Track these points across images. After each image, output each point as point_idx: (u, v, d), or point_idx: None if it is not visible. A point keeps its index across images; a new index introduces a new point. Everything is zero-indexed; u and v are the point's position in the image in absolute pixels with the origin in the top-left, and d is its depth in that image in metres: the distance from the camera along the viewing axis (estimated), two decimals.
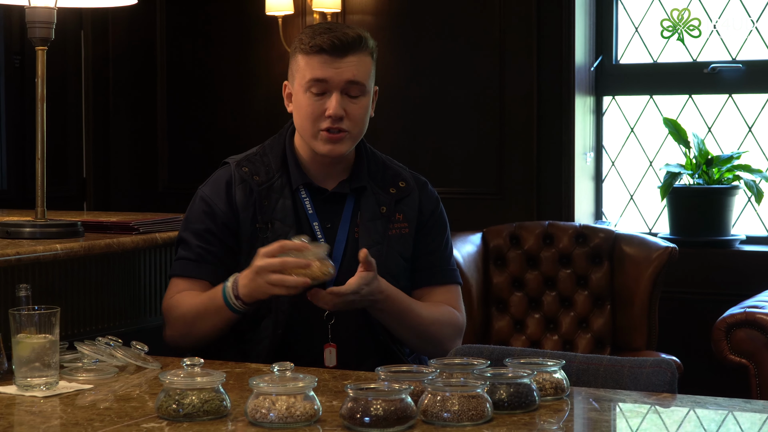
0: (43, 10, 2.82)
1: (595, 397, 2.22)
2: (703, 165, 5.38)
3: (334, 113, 2.80)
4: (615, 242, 4.91)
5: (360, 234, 2.88)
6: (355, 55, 2.83)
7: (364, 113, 2.88)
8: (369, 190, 2.91)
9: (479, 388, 2.00)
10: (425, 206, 2.99)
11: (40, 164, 2.86)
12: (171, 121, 6.57)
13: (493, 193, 5.77)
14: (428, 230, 2.99)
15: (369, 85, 2.88)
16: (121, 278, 2.97)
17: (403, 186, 2.96)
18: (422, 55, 5.89)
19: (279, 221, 2.83)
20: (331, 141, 2.83)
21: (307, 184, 2.89)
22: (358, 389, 1.98)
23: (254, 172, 2.88)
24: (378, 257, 2.81)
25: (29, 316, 2.29)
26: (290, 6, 5.96)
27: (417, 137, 5.88)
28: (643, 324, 4.77)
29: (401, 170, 3.01)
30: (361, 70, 2.84)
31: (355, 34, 2.83)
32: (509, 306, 5.02)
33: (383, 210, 2.90)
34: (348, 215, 2.90)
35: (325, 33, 2.81)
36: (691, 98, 5.65)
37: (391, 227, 2.90)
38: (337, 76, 2.80)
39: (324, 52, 2.80)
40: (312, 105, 2.82)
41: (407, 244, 2.93)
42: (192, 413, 2.03)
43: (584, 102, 5.72)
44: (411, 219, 2.95)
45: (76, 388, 2.32)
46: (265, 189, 2.86)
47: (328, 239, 2.85)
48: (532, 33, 5.69)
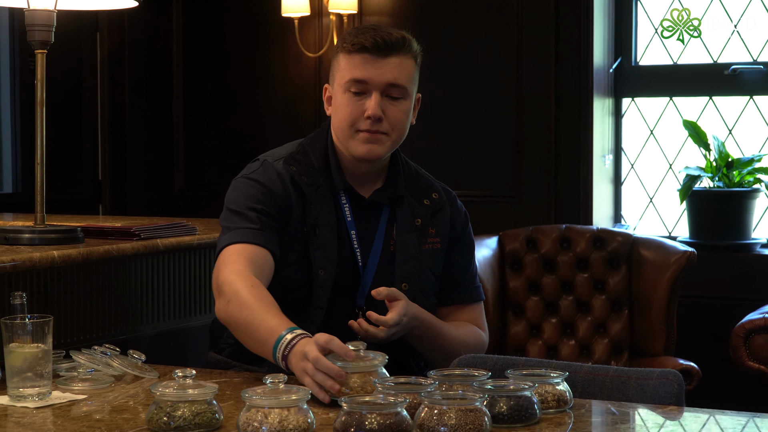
0: (42, 13, 2.78)
1: (598, 410, 2.16)
2: (723, 168, 5.31)
3: (373, 113, 2.70)
4: (633, 246, 4.85)
5: (396, 247, 2.80)
6: (398, 57, 2.73)
7: (404, 117, 2.76)
8: (405, 200, 2.83)
9: (477, 401, 1.95)
10: (457, 222, 2.91)
11: (39, 169, 2.82)
12: (187, 123, 6.54)
13: (511, 196, 5.71)
14: (459, 247, 2.92)
15: (410, 89, 2.77)
16: (121, 285, 2.92)
17: (437, 198, 2.88)
18: (439, 56, 5.84)
19: (323, 227, 2.73)
20: (370, 141, 2.72)
21: (347, 190, 2.80)
22: (353, 402, 1.93)
23: (302, 172, 2.77)
24: (413, 273, 2.77)
25: (21, 325, 2.25)
26: (306, 7, 5.93)
27: (434, 139, 5.83)
28: (661, 329, 4.70)
29: (433, 181, 2.93)
30: (403, 73, 2.74)
31: (399, 35, 2.74)
32: (525, 311, 4.96)
33: (418, 222, 2.82)
34: (384, 226, 2.82)
35: (369, 32, 2.73)
36: (711, 100, 5.58)
37: (425, 242, 2.83)
38: (377, 76, 2.71)
39: (366, 51, 2.71)
40: (351, 105, 2.73)
41: (439, 260, 2.86)
42: (183, 426, 1.99)
43: (603, 104, 5.66)
44: (443, 234, 2.87)
45: (69, 398, 2.28)
46: (313, 191, 2.75)
47: (364, 249, 2.78)
48: (550, 34, 5.63)
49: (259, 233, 2.65)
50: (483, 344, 2.93)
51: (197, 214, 5.14)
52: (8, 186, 6.72)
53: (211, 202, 5.36)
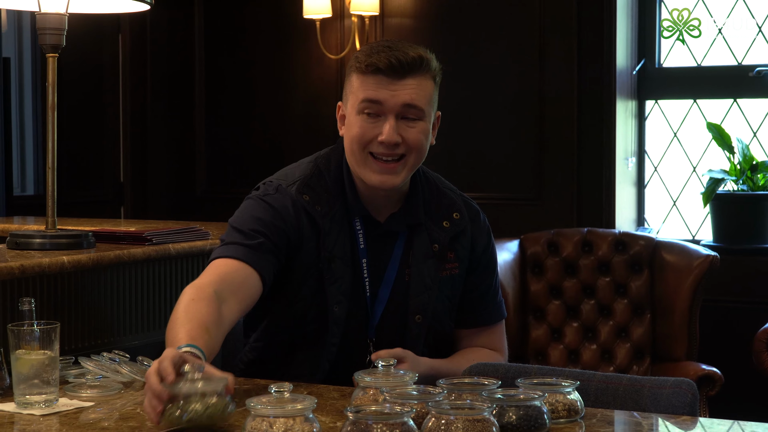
0: (53, 16, 2.76)
1: (610, 419, 2.13)
2: (747, 171, 5.27)
3: (388, 139, 2.55)
4: (655, 250, 4.81)
5: (411, 277, 2.67)
6: (415, 78, 2.57)
7: (423, 139, 2.60)
8: (423, 225, 2.69)
9: (485, 411, 1.92)
10: (478, 242, 2.77)
11: (51, 174, 2.81)
12: (209, 125, 6.54)
13: (532, 198, 5.68)
14: (481, 270, 2.78)
15: (428, 110, 2.61)
16: (133, 290, 2.90)
17: (458, 218, 2.73)
18: (461, 58, 5.81)
19: (339, 259, 2.59)
20: (385, 171, 2.58)
21: (364, 216, 2.66)
22: (358, 412, 1.90)
23: (315, 201, 2.62)
24: (428, 303, 2.66)
25: (28, 331, 2.24)
26: (328, 9, 5.91)
27: (455, 141, 5.80)
28: (684, 333, 4.65)
29: (454, 197, 2.78)
30: (420, 94, 2.58)
31: (417, 55, 2.57)
32: (547, 314, 4.92)
33: (435, 248, 2.68)
34: (398, 255, 2.67)
35: (383, 51, 2.56)
36: (735, 102, 5.53)
37: (443, 268, 2.70)
38: (392, 98, 2.56)
39: (380, 73, 2.55)
40: (364, 127, 2.58)
41: (456, 285, 2.74)
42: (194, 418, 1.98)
43: (626, 106, 5.62)
44: (463, 258, 2.73)
45: (76, 405, 2.26)
46: (328, 221, 2.61)
47: (374, 277, 2.66)
48: (572, 35, 5.59)
49: (251, 252, 2.51)
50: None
51: (219, 216, 5.10)
52: (30, 188, 6.75)
53: (232, 205, 5.32)
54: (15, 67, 6.68)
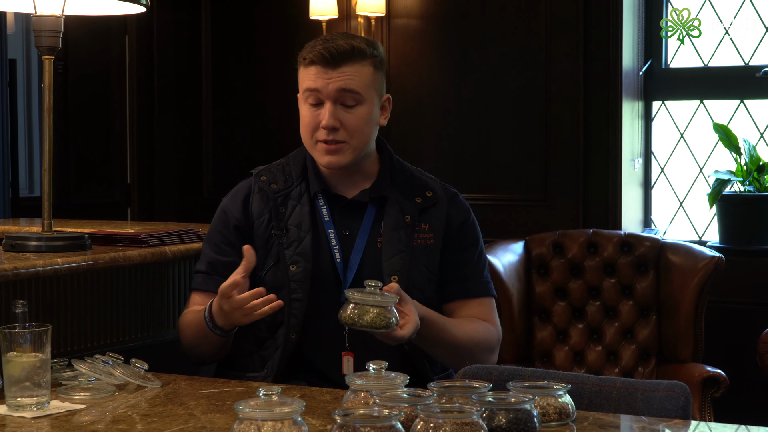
0: (49, 18, 2.76)
1: (601, 423, 2.11)
2: (754, 172, 5.25)
3: (327, 124, 2.78)
4: (661, 251, 4.79)
5: (383, 243, 2.83)
6: (350, 66, 2.79)
7: (361, 123, 2.82)
8: (392, 199, 2.86)
9: (474, 414, 1.91)
10: (454, 217, 2.92)
11: (46, 176, 2.80)
12: (216, 126, 6.54)
13: (538, 199, 5.66)
14: (458, 242, 2.92)
15: (369, 94, 2.83)
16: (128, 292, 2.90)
17: (430, 195, 2.90)
18: (467, 58, 5.80)
19: (294, 227, 2.82)
20: (329, 152, 2.81)
21: (325, 191, 2.87)
22: (345, 415, 1.89)
23: (272, 180, 2.89)
24: (401, 266, 2.78)
25: (20, 334, 2.23)
26: (334, 10, 5.91)
27: (462, 142, 5.79)
28: (689, 335, 4.64)
29: (430, 181, 2.95)
30: (356, 79, 2.80)
31: (349, 45, 2.80)
32: (552, 316, 4.91)
33: (408, 219, 2.85)
34: (368, 224, 2.85)
35: (319, 45, 2.81)
36: (742, 103, 5.51)
37: (416, 237, 2.84)
38: (328, 86, 2.78)
39: (316, 64, 2.80)
40: (309, 116, 2.83)
41: (433, 255, 2.86)
42: None
43: (632, 107, 5.60)
44: (437, 229, 2.88)
45: (68, 408, 2.26)
46: (281, 196, 2.86)
47: (345, 247, 2.83)
48: (578, 36, 5.57)
49: (205, 278, 2.86)
50: (492, 338, 2.92)
51: None
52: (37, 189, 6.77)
53: None
54: (22, 69, 6.69)
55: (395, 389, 2.12)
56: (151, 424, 2.13)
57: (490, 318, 2.94)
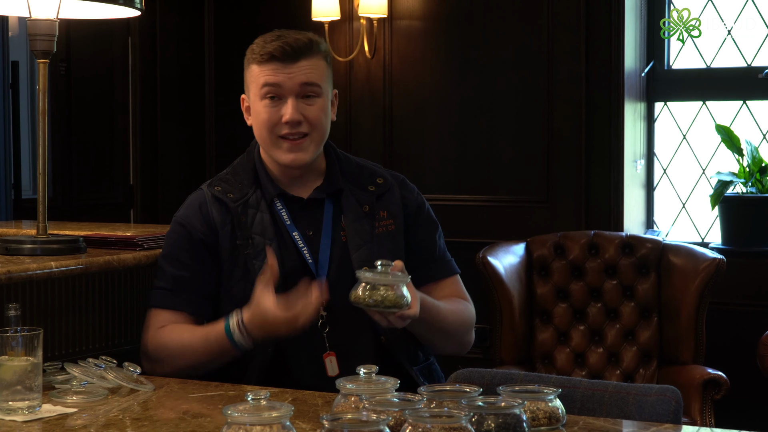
0: (44, 22, 2.76)
1: (591, 427, 2.11)
2: (756, 173, 5.23)
3: (291, 118, 2.79)
4: (662, 253, 4.79)
5: (348, 236, 2.84)
6: (308, 60, 2.82)
7: (322, 115, 2.84)
8: (347, 191, 2.89)
9: (463, 419, 1.90)
10: (409, 201, 2.95)
11: (41, 179, 2.80)
12: (219, 128, 6.54)
13: (540, 201, 5.66)
14: (418, 225, 2.96)
15: (325, 87, 2.85)
16: (122, 295, 2.90)
17: (381, 182, 2.93)
18: (469, 60, 5.80)
19: (258, 235, 2.79)
20: (294, 149, 2.82)
21: (281, 195, 2.87)
22: (333, 420, 1.89)
23: (228, 190, 2.86)
24: (369, 256, 2.78)
25: (12, 338, 2.23)
26: (337, 11, 5.91)
27: (464, 143, 5.79)
28: (690, 337, 4.63)
29: (377, 168, 2.99)
30: (315, 72, 2.82)
31: (306, 39, 2.83)
32: (553, 317, 4.91)
33: (366, 209, 2.87)
34: (329, 220, 2.86)
35: (276, 40, 2.82)
36: (745, 104, 5.49)
37: (377, 225, 2.87)
38: (290, 80, 2.80)
39: (275, 59, 2.81)
40: (268, 112, 2.82)
41: (397, 241, 2.89)
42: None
43: (635, 108, 5.59)
44: (396, 215, 2.91)
45: (59, 412, 2.26)
46: (240, 205, 2.83)
47: (312, 246, 2.82)
48: (580, 37, 5.56)
49: (171, 295, 2.79)
50: (472, 315, 2.98)
51: None
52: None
53: None
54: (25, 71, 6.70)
55: (385, 393, 2.12)
56: (142, 428, 2.14)
57: (463, 295, 2.99)
